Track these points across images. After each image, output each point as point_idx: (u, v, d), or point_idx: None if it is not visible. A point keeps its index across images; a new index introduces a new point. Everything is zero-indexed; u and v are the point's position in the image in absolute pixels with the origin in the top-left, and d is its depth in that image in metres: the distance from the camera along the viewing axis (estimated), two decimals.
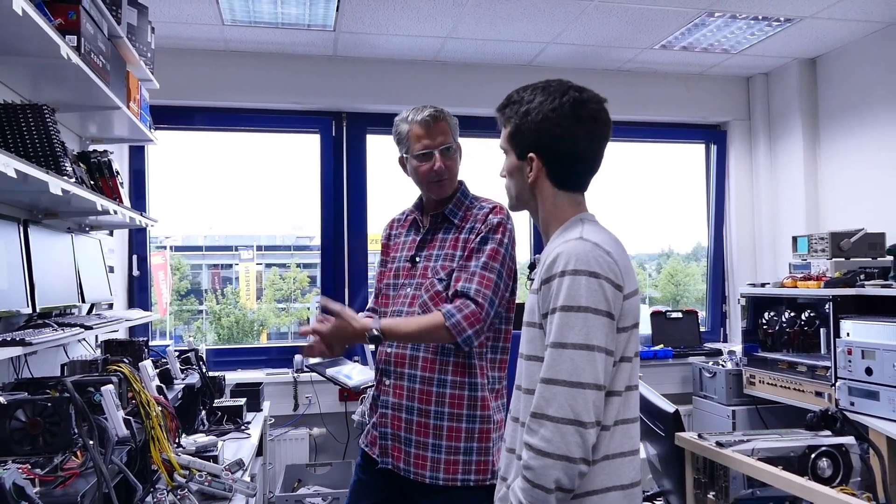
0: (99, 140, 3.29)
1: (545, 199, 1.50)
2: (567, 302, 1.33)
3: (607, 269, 1.35)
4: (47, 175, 1.91)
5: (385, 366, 2.08)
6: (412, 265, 2.12)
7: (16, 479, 1.23)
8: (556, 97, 1.46)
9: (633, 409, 1.41)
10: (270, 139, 4.87)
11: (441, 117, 2.10)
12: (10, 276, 2.13)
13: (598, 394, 1.31)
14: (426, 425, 1.98)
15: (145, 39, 3.13)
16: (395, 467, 2.02)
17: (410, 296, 2.07)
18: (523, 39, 4.16)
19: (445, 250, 2.07)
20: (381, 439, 2.06)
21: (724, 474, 1.55)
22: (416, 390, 2.00)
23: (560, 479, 1.28)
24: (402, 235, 2.23)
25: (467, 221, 2.09)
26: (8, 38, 2.01)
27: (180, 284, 5.68)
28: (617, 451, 1.37)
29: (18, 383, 1.89)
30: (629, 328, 1.39)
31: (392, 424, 2.03)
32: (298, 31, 3.98)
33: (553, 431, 1.28)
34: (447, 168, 2.08)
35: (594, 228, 1.45)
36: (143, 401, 1.95)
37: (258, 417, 3.31)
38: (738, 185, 4.98)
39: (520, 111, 1.48)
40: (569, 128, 1.45)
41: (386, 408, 2.05)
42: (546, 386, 1.32)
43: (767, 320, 4.08)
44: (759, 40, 4.21)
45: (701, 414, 4.33)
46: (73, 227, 2.93)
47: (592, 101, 1.48)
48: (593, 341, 1.31)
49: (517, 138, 1.50)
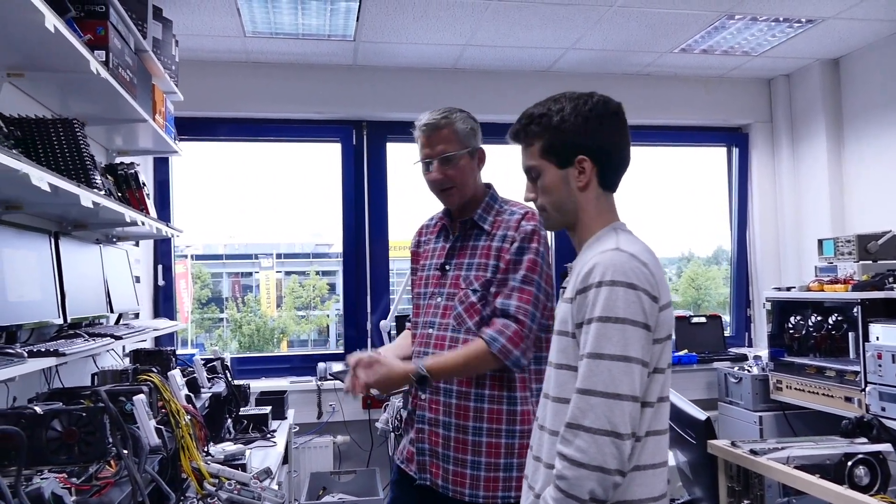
0: (125, 152, 3.34)
1: (589, 203, 1.49)
2: (605, 313, 1.32)
3: (644, 281, 1.35)
4: (78, 188, 1.94)
5: None
6: (442, 273, 2.06)
7: (54, 488, 1.25)
8: (586, 100, 1.48)
9: (663, 421, 1.41)
10: (291, 148, 4.91)
11: (443, 124, 2.00)
12: (42, 288, 2.16)
13: (635, 405, 1.30)
14: (464, 441, 1.93)
15: (170, 53, 3.17)
16: (434, 484, 1.97)
17: (442, 306, 2.02)
18: (542, 46, 4.17)
19: (477, 259, 2.00)
20: (418, 455, 2.00)
21: (760, 482, 1.54)
22: (452, 405, 1.95)
23: (594, 490, 1.27)
24: (431, 242, 2.16)
25: (498, 228, 2.01)
26: (39, 55, 2.05)
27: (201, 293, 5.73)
28: (648, 463, 1.36)
29: (52, 393, 1.92)
30: (663, 339, 1.39)
31: (430, 440, 1.98)
32: (319, 41, 4.02)
33: (589, 442, 1.28)
34: (448, 178, 2.00)
35: (630, 239, 1.45)
36: (173, 410, 1.97)
37: (283, 425, 3.33)
38: (760, 187, 4.94)
39: (552, 122, 1.47)
40: (609, 125, 1.48)
41: (423, 423, 1.99)
42: (582, 396, 1.31)
43: (793, 325, 4.03)
44: (781, 42, 4.18)
45: (727, 420, 4.28)
46: (101, 239, 2.96)
47: (612, 100, 1.51)
48: (631, 353, 1.30)
49: (556, 148, 1.47)
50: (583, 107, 1.46)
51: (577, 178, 1.47)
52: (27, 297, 2.05)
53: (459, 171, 2.01)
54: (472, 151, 2.04)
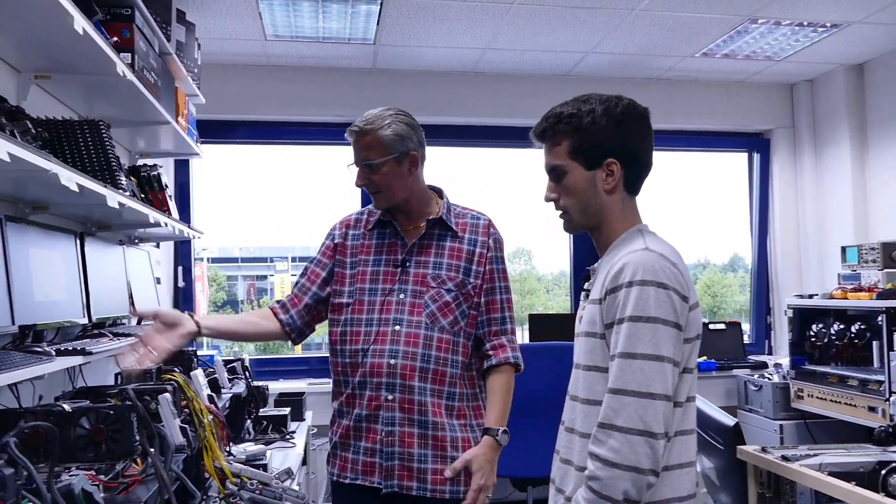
0: (147, 154, 3.37)
1: (615, 206, 1.48)
2: (636, 312, 1.32)
3: (674, 280, 1.35)
4: (105, 188, 1.96)
5: (389, 379, 1.91)
6: (402, 270, 2.00)
7: (84, 485, 1.26)
8: (616, 102, 1.46)
9: (691, 421, 1.40)
10: (309, 152, 4.92)
11: (367, 130, 1.95)
12: (67, 288, 2.18)
13: (668, 405, 1.30)
14: (443, 439, 1.91)
15: (192, 55, 3.20)
16: (406, 488, 1.89)
17: (408, 303, 1.96)
18: (562, 49, 4.16)
19: (447, 259, 2.00)
20: (385, 461, 1.90)
21: (791, 489, 1.52)
22: (427, 403, 1.91)
23: (628, 490, 1.27)
24: (368, 237, 2.07)
25: (465, 231, 2.04)
26: (67, 57, 2.08)
27: (217, 295, 5.76)
28: (675, 463, 1.36)
29: (78, 391, 1.93)
30: (692, 339, 1.39)
31: (402, 443, 1.90)
32: (339, 44, 4.03)
33: (622, 442, 1.27)
34: (372, 182, 1.97)
35: (656, 240, 1.45)
36: (197, 409, 1.98)
37: (301, 427, 3.33)
38: (782, 194, 4.89)
39: (583, 122, 1.45)
40: (637, 129, 1.47)
41: (392, 425, 1.90)
42: (615, 396, 1.31)
43: (815, 332, 3.99)
44: (804, 47, 4.15)
45: (747, 428, 4.22)
46: (123, 240, 2.99)
47: (640, 105, 1.50)
48: (663, 352, 1.30)
49: (585, 149, 1.46)
50: (614, 109, 1.45)
51: (605, 181, 1.46)
52: (53, 296, 2.07)
53: (382, 176, 1.96)
54: (400, 157, 1.97)
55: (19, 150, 1.44)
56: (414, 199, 2.03)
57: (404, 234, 2.03)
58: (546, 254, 5.69)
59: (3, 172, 1.61)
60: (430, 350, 1.93)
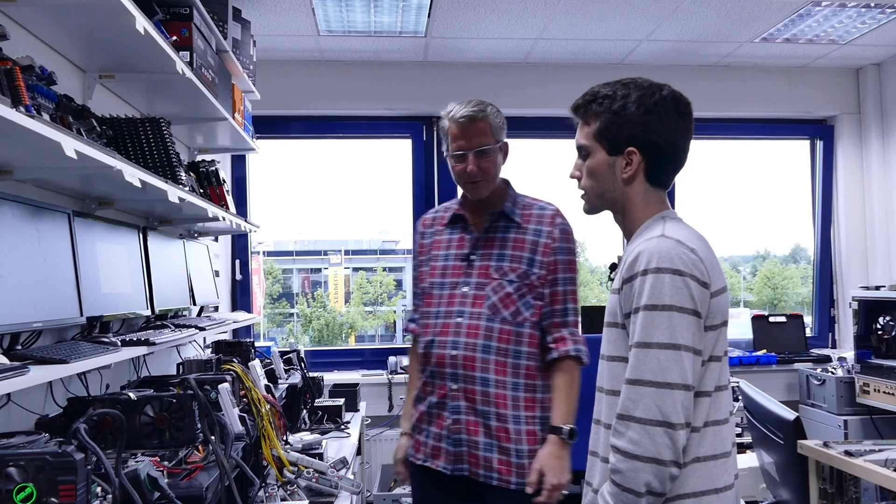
0: (205, 150, 3.45)
1: (635, 196, 1.45)
2: (651, 300, 1.29)
3: (691, 266, 1.31)
4: (166, 184, 2.02)
5: (451, 370, 1.97)
6: (467, 263, 2.05)
7: (150, 470, 1.30)
8: (655, 91, 1.42)
9: (723, 410, 1.37)
10: (362, 145, 4.98)
11: (480, 117, 2.00)
12: (132, 280, 2.26)
13: (687, 394, 1.27)
14: (506, 430, 1.93)
15: (248, 53, 3.26)
16: (474, 474, 1.95)
17: (471, 295, 2.01)
18: (615, 38, 4.09)
19: (509, 251, 2.02)
20: (453, 447, 1.96)
21: (855, 485, 1.47)
22: (490, 394, 1.95)
23: (650, 482, 1.25)
24: (443, 233, 2.14)
25: (529, 221, 2.04)
26: (129, 56, 2.15)
27: (272, 288, 5.88)
28: (709, 454, 1.33)
29: (141, 381, 2.00)
30: (718, 326, 1.35)
31: (468, 431, 1.95)
32: (390, 38, 4.05)
33: (641, 433, 1.26)
34: (482, 170, 2.00)
35: (677, 225, 1.41)
36: (255, 399, 2.03)
37: (356, 417, 3.38)
38: (847, 182, 4.71)
39: (614, 106, 1.42)
40: (669, 122, 1.42)
41: (458, 413, 1.96)
42: (632, 387, 1.29)
43: (882, 325, 3.84)
44: (871, 29, 3.98)
45: (809, 423, 4.11)
46: (183, 234, 3.08)
47: (684, 97, 1.46)
48: (679, 340, 1.27)
49: (610, 133, 1.43)
50: (648, 98, 1.41)
51: (623, 170, 1.43)
52: (119, 288, 2.15)
53: (490, 163, 2.02)
54: (503, 146, 2.07)
55: (86, 148, 1.49)
56: (498, 189, 2.09)
57: (473, 227, 2.09)
58: (599, 245, 5.63)
59: (70, 170, 1.68)
60: (492, 341, 1.96)
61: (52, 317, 1.69)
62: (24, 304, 1.56)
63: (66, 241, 1.83)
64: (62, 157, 1.42)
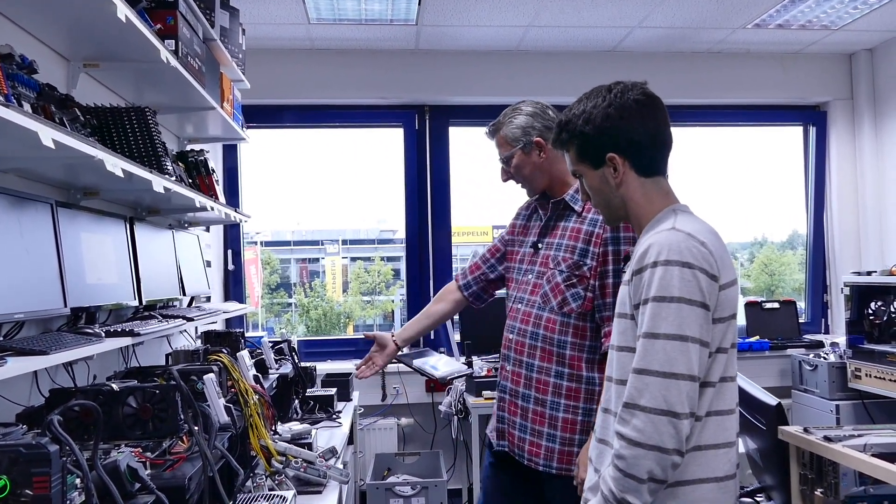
0: (195, 140, 3.43)
1: (634, 193, 1.49)
2: (659, 292, 1.32)
3: (701, 259, 1.34)
4: (151, 174, 2.01)
5: (507, 351, 2.13)
6: (535, 251, 2.15)
7: (130, 461, 1.30)
8: (604, 94, 1.48)
9: (727, 401, 1.39)
10: (355, 134, 4.96)
11: (493, 132, 2.16)
12: (118, 271, 2.25)
13: (693, 385, 1.30)
14: (542, 414, 2.02)
15: (237, 41, 3.23)
16: (511, 451, 2.09)
17: (532, 283, 2.10)
18: (608, 24, 4.07)
19: (567, 240, 2.06)
20: (499, 423, 2.13)
21: (834, 470, 1.48)
22: (532, 378, 2.04)
23: (653, 469, 1.28)
24: (527, 220, 2.26)
25: (590, 211, 2.06)
26: (112, 45, 2.13)
27: (270, 278, 5.87)
28: (710, 443, 1.36)
29: (128, 372, 2.00)
30: (726, 319, 1.37)
31: (509, 410, 2.09)
32: (381, 26, 4.03)
33: (646, 422, 1.28)
34: (510, 176, 2.16)
35: (688, 218, 1.44)
36: (242, 389, 2.03)
37: (348, 407, 3.39)
38: (840, 167, 4.71)
39: (577, 127, 1.49)
40: (630, 115, 1.46)
41: (504, 393, 2.12)
42: (638, 376, 1.31)
43: (874, 311, 3.85)
44: (863, 14, 3.96)
45: (801, 408, 4.13)
46: (173, 224, 3.07)
47: (637, 86, 1.50)
48: (687, 332, 1.30)
49: (588, 151, 1.50)
50: (601, 104, 1.47)
51: (613, 175, 1.48)
52: (105, 279, 2.14)
53: (517, 168, 2.13)
54: (526, 146, 2.11)
55: (64, 138, 1.48)
56: (556, 182, 2.13)
57: (543, 216, 2.17)
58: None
59: (51, 159, 1.67)
60: (539, 329, 2.04)
61: (35, 308, 1.69)
62: (5, 295, 1.56)
63: (48, 232, 1.82)
64: (40, 147, 1.41)
